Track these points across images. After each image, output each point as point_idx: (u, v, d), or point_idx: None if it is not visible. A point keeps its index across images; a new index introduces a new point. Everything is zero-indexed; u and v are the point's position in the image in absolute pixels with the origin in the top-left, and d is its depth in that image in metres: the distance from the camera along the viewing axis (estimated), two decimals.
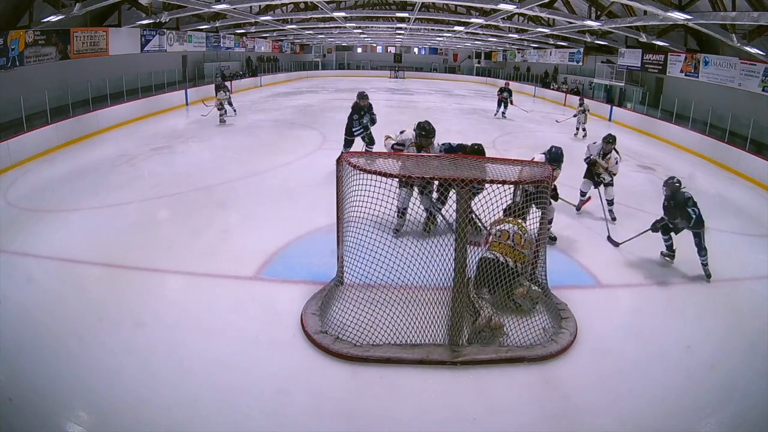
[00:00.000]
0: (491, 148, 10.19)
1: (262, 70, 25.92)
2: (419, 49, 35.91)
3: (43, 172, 8.15)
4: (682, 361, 3.60)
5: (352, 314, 3.62)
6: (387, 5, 19.18)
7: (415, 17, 16.99)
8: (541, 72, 25.69)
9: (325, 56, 34.39)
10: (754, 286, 4.89)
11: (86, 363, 3.33)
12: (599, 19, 12.57)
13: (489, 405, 3.12)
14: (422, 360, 3.42)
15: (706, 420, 3.13)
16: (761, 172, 9.28)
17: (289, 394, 3.14)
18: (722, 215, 7.07)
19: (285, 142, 10.79)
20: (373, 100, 8.30)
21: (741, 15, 8.60)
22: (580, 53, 20.05)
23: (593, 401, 3.18)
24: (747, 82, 10.62)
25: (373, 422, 2.96)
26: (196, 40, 17.11)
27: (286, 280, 4.52)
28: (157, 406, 2.99)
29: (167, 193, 6.92)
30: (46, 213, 6.04)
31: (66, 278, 4.42)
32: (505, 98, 15.25)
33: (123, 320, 3.81)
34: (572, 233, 5.88)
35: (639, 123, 14.92)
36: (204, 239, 5.39)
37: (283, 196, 6.91)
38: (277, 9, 16.54)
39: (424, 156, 4.95)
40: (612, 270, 4.94)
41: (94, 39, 11.65)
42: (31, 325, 3.70)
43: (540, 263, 4.16)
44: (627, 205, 7.13)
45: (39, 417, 2.89)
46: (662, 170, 9.51)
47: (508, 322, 3.71)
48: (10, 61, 9.04)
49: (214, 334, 3.68)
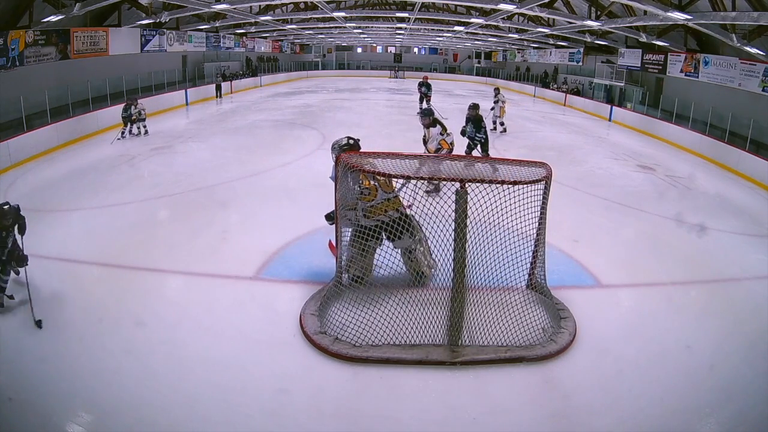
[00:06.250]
0: (491, 148, 10.18)
1: (262, 70, 25.95)
2: (419, 49, 35.93)
3: (43, 172, 8.16)
4: (682, 361, 3.60)
5: (352, 314, 3.62)
6: (387, 5, 19.18)
7: (415, 17, 16.99)
8: (541, 72, 25.69)
9: (325, 56, 34.42)
10: (754, 286, 4.89)
11: (86, 363, 3.33)
12: (599, 19, 12.57)
13: (488, 405, 3.12)
14: (422, 360, 3.42)
15: (706, 420, 3.12)
16: (761, 172, 9.29)
17: (289, 394, 3.15)
18: (722, 215, 7.08)
19: (285, 142, 10.81)
20: (373, 100, 8.32)
21: (741, 15, 8.61)
22: (580, 53, 20.05)
23: (593, 401, 3.18)
24: (747, 82, 10.62)
25: (373, 422, 2.96)
26: (196, 40, 17.12)
27: (286, 280, 4.53)
28: (157, 406, 2.99)
29: (167, 193, 6.93)
30: (46, 213, 6.04)
31: (66, 278, 4.42)
32: (423, 93, 14.64)
33: (123, 320, 3.81)
34: (572, 233, 5.88)
35: (639, 123, 14.92)
36: (204, 239, 5.39)
37: (283, 196, 6.91)
38: (277, 9, 16.55)
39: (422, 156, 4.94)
40: (612, 270, 4.93)
41: (94, 39, 11.66)
42: (31, 325, 3.70)
43: (539, 263, 4.16)
44: (627, 205, 7.15)
45: (39, 417, 2.89)
46: (662, 170, 9.52)
47: (508, 321, 3.71)
48: (10, 61, 9.05)
49: (214, 334, 3.68)
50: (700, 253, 5.60)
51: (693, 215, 6.82)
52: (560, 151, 10.65)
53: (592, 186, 8.04)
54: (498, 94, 12.53)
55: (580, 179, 8.31)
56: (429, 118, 7.04)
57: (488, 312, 3.69)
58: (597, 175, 8.88)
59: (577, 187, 7.80)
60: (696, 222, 6.50)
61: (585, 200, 7.30)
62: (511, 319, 3.70)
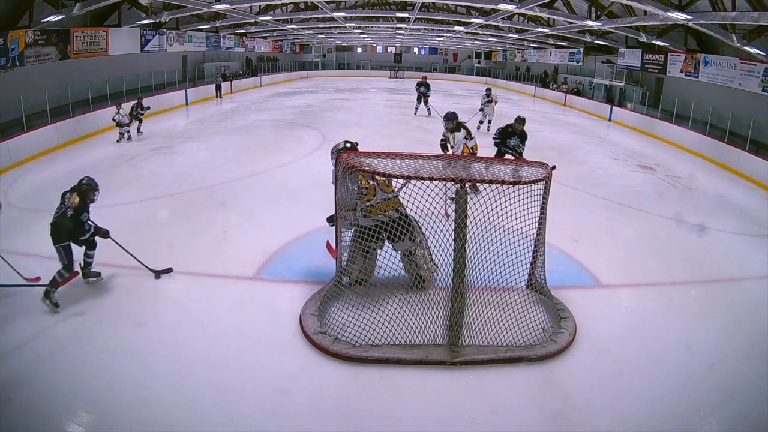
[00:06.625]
0: (491, 148, 10.17)
1: (262, 70, 25.96)
2: (419, 49, 35.93)
3: (43, 172, 8.16)
4: (682, 361, 3.60)
5: (352, 314, 3.62)
6: (387, 5, 19.18)
7: (415, 17, 16.99)
8: (541, 72, 25.69)
9: (325, 56, 34.42)
10: (754, 286, 4.89)
11: (86, 363, 3.33)
12: (599, 19, 12.57)
13: (488, 405, 3.12)
14: (422, 360, 3.42)
15: (706, 420, 3.13)
16: (761, 172, 9.29)
17: (289, 394, 3.15)
18: (722, 215, 7.08)
19: (285, 142, 10.80)
20: (373, 101, 8.31)
21: (741, 15, 8.61)
22: (580, 53, 20.05)
23: (593, 401, 3.18)
24: (747, 82, 10.63)
25: (373, 422, 2.96)
26: (196, 40, 17.13)
27: (286, 280, 4.53)
28: (157, 406, 2.99)
29: (167, 193, 6.93)
30: (46, 213, 5.98)
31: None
32: (422, 93, 14.33)
33: (123, 320, 3.81)
34: (572, 233, 5.88)
35: (639, 123, 14.92)
36: (204, 239, 5.40)
37: (283, 196, 6.91)
38: (277, 9, 16.55)
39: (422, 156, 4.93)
40: (612, 270, 4.93)
41: (94, 39, 11.66)
42: (32, 325, 3.70)
43: (539, 263, 4.16)
44: (627, 205, 7.15)
45: (39, 417, 2.90)
46: (662, 170, 9.53)
47: (508, 321, 3.71)
48: (10, 61, 9.05)
49: (214, 334, 3.68)
50: (700, 253, 5.60)
51: (693, 215, 6.83)
52: (560, 151, 10.65)
53: (592, 186, 8.04)
54: (491, 93, 12.37)
55: (580, 179, 8.31)
56: (453, 122, 6.81)
57: (488, 312, 3.69)
58: (597, 175, 8.88)
59: (577, 187, 7.80)
60: (696, 222, 6.50)
61: (585, 200, 7.29)
62: (511, 319, 3.70)
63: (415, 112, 14.50)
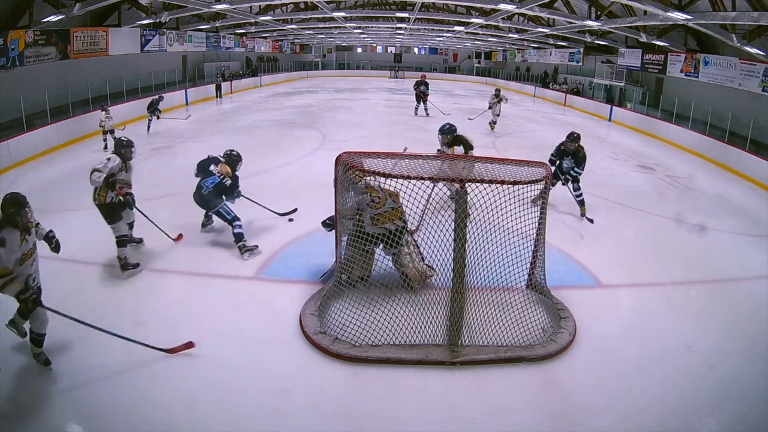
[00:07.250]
0: (491, 148, 10.21)
1: (262, 70, 25.96)
2: (419, 49, 35.93)
3: (43, 172, 8.16)
4: (682, 361, 3.60)
5: (352, 314, 3.62)
6: (387, 5, 19.18)
7: (415, 17, 16.99)
8: (541, 72, 25.69)
9: (325, 56, 34.41)
10: (754, 286, 4.89)
11: (86, 363, 3.33)
12: (599, 19, 12.58)
13: (488, 405, 3.12)
14: (421, 360, 3.42)
15: (706, 420, 3.13)
16: (761, 172, 9.29)
17: (289, 394, 3.15)
18: (722, 215, 7.08)
19: (285, 142, 10.80)
20: (373, 101, 8.29)
21: (741, 15, 8.61)
22: (580, 53, 20.05)
23: (593, 401, 3.18)
24: (747, 82, 10.63)
25: (373, 422, 2.96)
26: (196, 40, 17.13)
27: (286, 280, 4.53)
28: (158, 405, 2.99)
29: (167, 193, 6.92)
30: (46, 213, 6.01)
31: (66, 278, 4.41)
32: (422, 92, 14.21)
33: (123, 320, 3.80)
34: (572, 233, 5.88)
35: (639, 123, 14.92)
36: (204, 239, 5.39)
37: (283, 196, 6.90)
38: (277, 9, 16.55)
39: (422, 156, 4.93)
40: (612, 270, 4.93)
41: (94, 39, 11.66)
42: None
43: (539, 263, 4.16)
44: (627, 205, 7.15)
45: (39, 418, 2.90)
46: (662, 170, 9.52)
47: (508, 321, 3.71)
48: (10, 61, 9.05)
49: (214, 334, 3.68)
50: (700, 253, 5.60)
51: (693, 215, 6.82)
52: None
53: (592, 186, 8.01)
54: (500, 93, 12.50)
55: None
56: (449, 136, 6.08)
57: (488, 312, 3.69)
58: (597, 175, 8.86)
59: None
60: (696, 222, 6.50)
61: (585, 200, 7.28)
62: (511, 319, 3.70)
63: (415, 112, 14.50)
